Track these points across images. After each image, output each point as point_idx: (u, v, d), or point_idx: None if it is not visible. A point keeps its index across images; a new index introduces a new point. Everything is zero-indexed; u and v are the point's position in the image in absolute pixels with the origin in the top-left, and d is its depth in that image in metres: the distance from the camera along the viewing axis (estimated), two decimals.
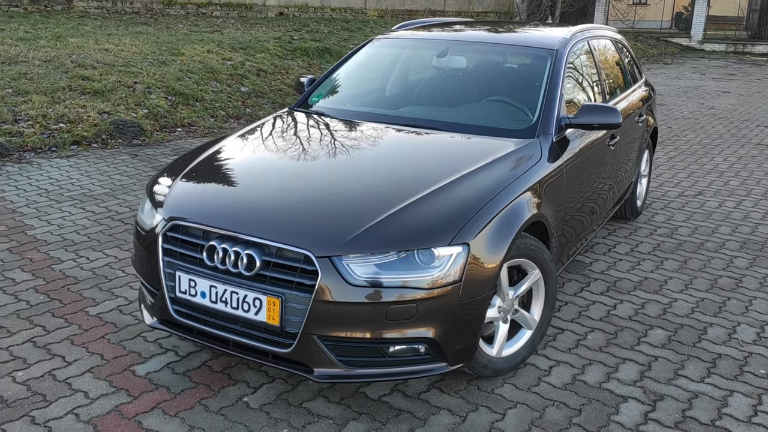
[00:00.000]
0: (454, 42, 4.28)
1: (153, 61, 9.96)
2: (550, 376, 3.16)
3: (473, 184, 2.98)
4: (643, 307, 3.91)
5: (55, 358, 3.18)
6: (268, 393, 2.98)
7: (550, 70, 3.80)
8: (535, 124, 3.54)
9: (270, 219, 2.79)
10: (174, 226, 2.90)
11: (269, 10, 20.07)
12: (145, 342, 3.36)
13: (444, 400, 2.95)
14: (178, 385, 3.01)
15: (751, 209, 5.86)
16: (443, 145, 3.44)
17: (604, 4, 26.73)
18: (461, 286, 2.66)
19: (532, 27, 4.75)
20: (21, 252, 4.37)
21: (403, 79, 4.29)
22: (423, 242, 2.65)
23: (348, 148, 3.42)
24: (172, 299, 2.90)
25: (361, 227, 2.67)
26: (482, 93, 3.94)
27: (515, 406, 2.92)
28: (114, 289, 3.92)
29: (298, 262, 2.64)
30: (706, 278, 4.36)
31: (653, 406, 2.96)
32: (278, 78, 10.56)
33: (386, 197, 2.86)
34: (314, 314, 2.60)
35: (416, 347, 2.71)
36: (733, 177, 6.93)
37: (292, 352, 2.67)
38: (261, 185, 3.11)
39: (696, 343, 3.52)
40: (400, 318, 2.61)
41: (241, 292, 2.70)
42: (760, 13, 28.52)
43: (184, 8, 18.40)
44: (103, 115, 7.77)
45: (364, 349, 2.69)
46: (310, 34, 14.29)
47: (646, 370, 3.25)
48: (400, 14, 23.06)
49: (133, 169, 6.40)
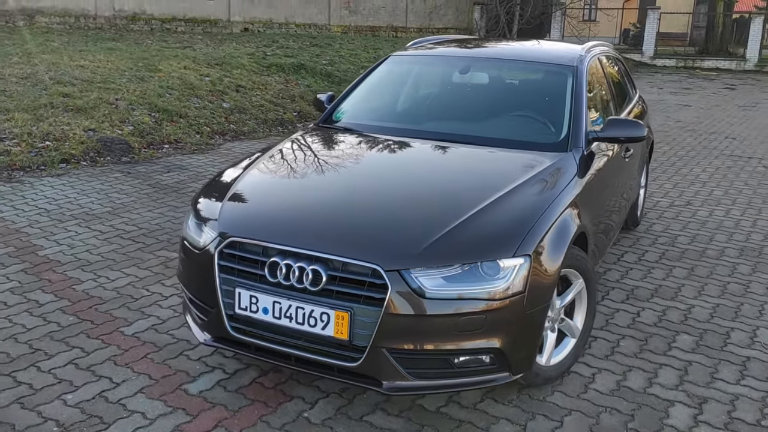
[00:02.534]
0: (475, 58, 4.38)
1: (131, 77, 9.83)
2: (595, 383, 3.25)
3: (524, 197, 3.06)
4: (665, 314, 4.04)
5: (102, 380, 3.13)
6: (326, 408, 2.99)
7: (573, 85, 3.93)
8: (566, 139, 3.65)
9: (332, 233, 2.82)
10: (231, 243, 2.89)
11: (234, 25, 20.00)
12: (189, 361, 3.33)
13: (500, 410, 3.00)
14: (235, 402, 2.99)
15: (740, 217, 6.10)
16: (484, 159, 3.52)
17: (559, 20, 27.43)
18: (525, 296, 2.73)
19: (543, 43, 4.89)
20: (37, 273, 4.28)
21: (428, 94, 4.36)
22: (488, 254, 2.71)
23: (391, 162, 3.47)
24: (229, 316, 2.88)
25: (427, 240, 2.72)
26: (508, 108, 4.05)
27: (570, 414, 3.00)
28: (143, 308, 3.87)
29: (366, 276, 2.66)
30: (715, 285, 4.53)
31: (700, 408, 3.07)
32: (258, 93, 10.54)
33: (446, 211, 2.91)
34: (384, 327, 2.63)
35: (481, 358, 2.76)
36: (715, 187, 7.20)
37: (360, 366, 2.69)
38: (315, 200, 3.13)
39: (723, 347, 3.66)
40: (470, 329, 2.66)
41: (307, 307, 2.71)
42: (707, 29, 29.69)
43: (148, 24, 18.21)
44: (88, 132, 7.64)
45: (432, 360, 2.73)
46: (282, 50, 14.30)
47: (684, 374, 3.36)
48: (363, 30, 23.24)
49: (129, 187, 6.31)
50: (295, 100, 10.79)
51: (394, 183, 3.28)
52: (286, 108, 10.30)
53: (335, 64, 13.46)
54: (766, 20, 26.09)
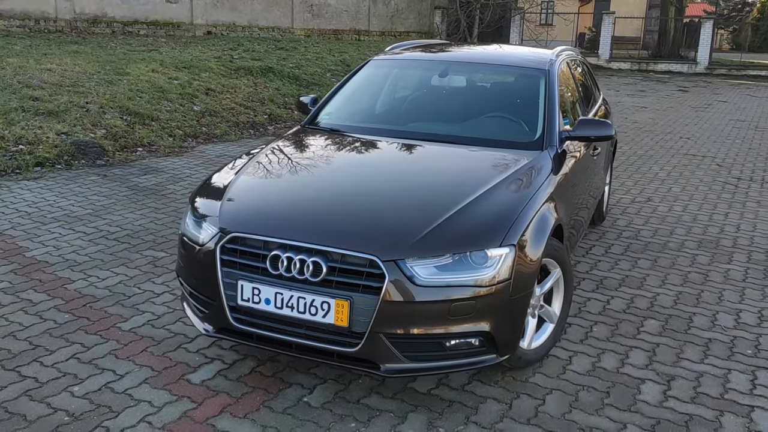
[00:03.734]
0: (453, 62, 4.61)
1: (99, 80, 9.84)
2: (572, 365, 3.49)
3: (506, 192, 3.29)
4: (633, 301, 4.31)
5: (106, 372, 3.25)
6: (325, 392, 3.16)
7: (545, 88, 4.17)
8: (541, 138, 3.89)
9: (331, 227, 3.00)
10: (232, 239, 3.05)
11: (197, 28, 19.93)
12: (188, 353, 3.47)
13: (487, 390, 3.22)
14: (237, 390, 3.15)
15: (697, 212, 6.45)
16: (466, 157, 3.73)
17: (518, 24, 27.98)
18: (511, 283, 2.94)
19: (516, 48, 5.14)
20: (26, 274, 4.35)
21: (409, 97, 4.57)
22: (476, 245, 2.92)
23: (379, 160, 3.67)
24: (231, 308, 3.04)
25: (420, 232, 2.92)
26: (485, 109, 4.28)
27: (551, 392, 3.23)
28: (137, 305, 3.99)
29: (364, 267, 2.85)
30: (677, 274, 4.83)
31: (668, 385, 3.33)
32: (227, 97, 10.62)
33: (436, 205, 3.12)
34: (381, 314, 2.81)
35: (470, 341, 2.97)
36: (673, 184, 7.57)
37: (359, 351, 2.87)
38: (311, 196, 3.31)
39: (687, 330, 3.94)
40: (461, 314, 2.87)
41: (308, 297, 2.88)
42: (659, 34, 30.60)
43: (109, 26, 18.04)
44: (61, 136, 7.66)
45: (427, 344, 2.92)
46: (248, 53, 14.37)
47: (653, 355, 3.62)
48: (326, 33, 23.38)
49: (107, 189, 6.38)
50: (265, 103, 10.90)
51: (384, 180, 3.47)
52: (256, 111, 10.41)
53: (302, 67, 13.60)
54: (716, 24, 27.03)
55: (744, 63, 27.03)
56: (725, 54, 35.78)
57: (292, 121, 10.62)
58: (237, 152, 8.33)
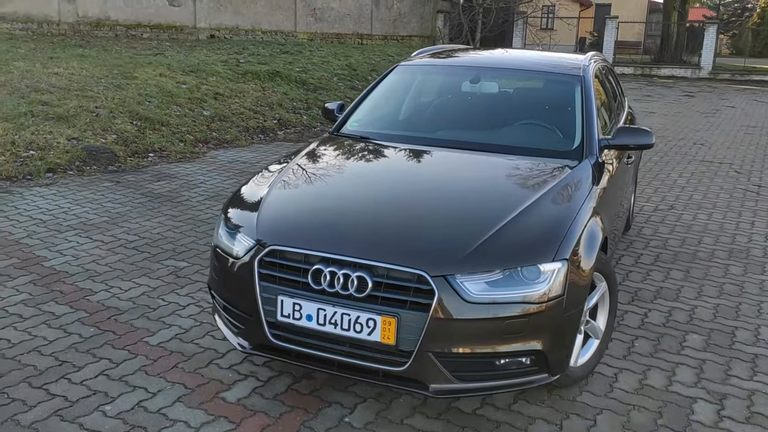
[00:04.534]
0: (484, 68, 4.49)
1: (108, 84, 9.71)
2: (618, 383, 3.37)
3: (553, 204, 3.17)
4: (671, 315, 4.19)
5: (137, 390, 3.12)
6: (366, 412, 3.03)
7: (582, 94, 4.06)
8: (580, 146, 3.78)
9: (376, 241, 2.87)
10: (271, 252, 2.92)
11: (200, 32, 19.82)
12: (220, 369, 3.34)
13: (534, 411, 3.09)
14: (275, 409, 3.02)
15: (722, 221, 6.34)
16: (507, 167, 3.61)
17: (521, 29, 27.92)
18: (564, 299, 2.82)
19: (545, 53, 5.02)
20: (47, 284, 4.22)
21: (441, 103, 4.44)
22: (528, 259, 2.80)
23: (418, 170, 3.55)
24: (270, 323, 2.91)
25: (470, 247, 2.79)
26: (521, 116, 4.16)
27: (601, 412, 3.10)
28: (163, 318, 3.86)
29: (411, 282, 2.73)
30: (712, 285, 4.71)
31: (721, 404, 3.21)
32: (236, 101, 10.50)
33: (483, 217, 3.00)
34: (430, 332, 2.69)
35: (521, 360, 2.85)
36: (693, 191, 7.46)
37: (406, 370, 2.75)
38: (352, 207, 3.19)
39: (731, 345, 3.82)
40: (514, 332, 2.74)
41: (353, 313, 2.75)
42: (662, 39, 30.55)
43: (112, 30, 17.92)
44: (72, 141, 7.53)
45: (477, 363, 2.80)
46: (254, 57, 14.25)
47: (700, 372, 3.50)
48: (329, 37, 23.27)
49: (122, 196, 6.24)
50: (274, 107, 10.77)
51: (426, 190, 3.35)
52: (266, 116, 10.28)
53: (309, 71, 13.48)
54: (719, 29, 26.99)
55: (747, 68, 26.98)
56: (725, 59, 35.71)
57: (302, 126, 10.50)
58: (249, 158, 8.21)
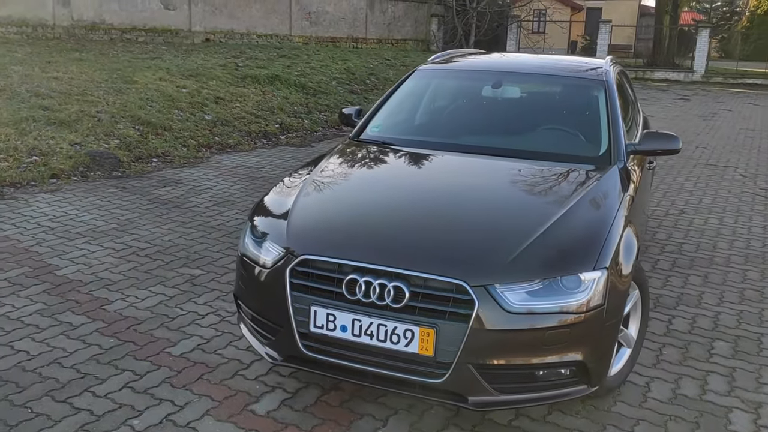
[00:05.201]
0: (506, 72, 4.44)
1: (108, 89, 9.60)
2: (651, 392, 3.32)
3: (588, 211, 3.12)
4: (695, 321, 4.15)
5: (164, 403, 3.04)
6: (399, 424, 2.97)
7: (606, 99, 4.02)
8: (608, 152, 3.73)
9: (411, 250, 2.81)
10: (303, 261, 2.85)
11: (195, 36, 19.71)
12: (246, 380, 3.26)
13: (570, 422, 3.04)
14: (306, 422, 2.95)
15: (734, 225, 6.32)
16: (536, 173, 3.55)
17: (515, 32, 27.97)
18: (605, 309, 2.77)
19: (563, 57, 4.98)
20: (61, 294, 4.13)
21: (464, 108, 4.39)
22: (570, 268, 2.74)
23: (448, 176, 3.49)
24: (302, 334, 2.84)
25: (510, 255, 2.74)
26: (546, 121, 4.11)
27: (638, 423, 3.05)
28: (183, 327, 3.78)
29: (450, 292, 2.66)
30: (732, 291, 4.68)
31: (757, 413, 3.16)
32: (237, 105, 10.41)
33: (520, 225, 2.94)
34: (470, 343, 2.63)
35: (561, 371, 2.79)
36: (702, 195, 7.44)
37: (444, 382, 2.68)
38: (385, 215, 3.12)
39: (759, 352, 3.78)
40: (555, 342, 2.69)
41: (389, 324, 2.69)
42: (654, 42, 30.66)
43: (107, 34, 17.78)
44: (75, 146, 7.43)
45: (517, 374, 2.74)
46: (252, 61, 14.16)
47: (732, 380, 3.46)
48: (324, 41, 23.22)
49: (129, 202, 6.15)
50: (275, 112, 10.69)
51: (458, 197, 3.28)
52: (267, 120, 10.20)
53: (308, 75, 13.40)
54: (712, 32, 27.12)
55: (740, 71, 27.11)
56: (715, 62, 35.84)
57: (304, 130, 10.43)
58: (254, 163, 8.13)
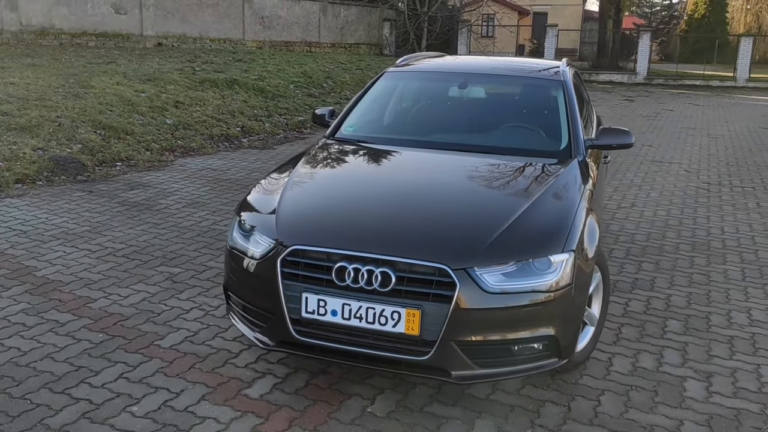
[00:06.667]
0: (471, 74, 4.69)
1: (66, 93, 9.58)
2: (613, 366, 3.60)
3: (555, 200, 3.39)
4: (650, 303, 4.47)
5: (160, 391, 3.19)
6: (386, 402, 3.17)
7: (565, 97, 4.31)
8: (568, 147, 4.02)
9: (396, 238, 3.03)
10: (294, 252, 3.03)
11: (147, 40, 19.58)
12: (237, 368, 3.42)
13: (542, 394, 3.29)
14: (298, 403, 3.13)
15: (681, 216, 6.73)
16: (504, 167, 3.81)
17: (466, 36, 28.49)
18: (572, 287, 3.03)
19: (523, 60, 5.27)
20: (44, 294, 4.21)
21: (432, 108, 4.62)
22: (541, 251, 2.99)
23: (423, 171, 3.72)
24: (294, 320, 3.02)
25: (486, 241, 2.98)
26: (511, 119, 4.39)
27: (603, 393, 3.32)
28: (169, 321, 3.91)
29: (433, 276, 2.89)
30: (682, 276, 5.03)
31: (709, 381, 3.47)
32: (198, 109, 10.47)
33: (494, 213, 3.19)
34: (453, 322, 2.85)
35: (534, 346, 3.04)
36: (650, 190, 7.86)
37: (429, 359, 2.90)
38: (368, 207, 3.33)
39: (708, 329, 4.11)
40: (530, 319, 2.94)
41: (378, 307, 2.90)
42: (599, 46, 31.63)
43: (57, 38, 17.56)
44: (38, 151, 7.42)
45: (495, 350, 2.98)
46: (208, 65, 14.20)
47: (685, 354, 3.77)
48: (277, 45, 23.29)
49: (98, 205, 6.21)
50: (236, 115, 10.79)
51: (435, 189, 3.52)
52: (228, 123, 10.30)
53: (265, 79, 13.51)
54: (652, 36, 28.12)
55: (679, 73, 28.18)
56: (656, 65, 37.05)
57: (265, 133, 10.55)
58: (218, 165, 8.23)
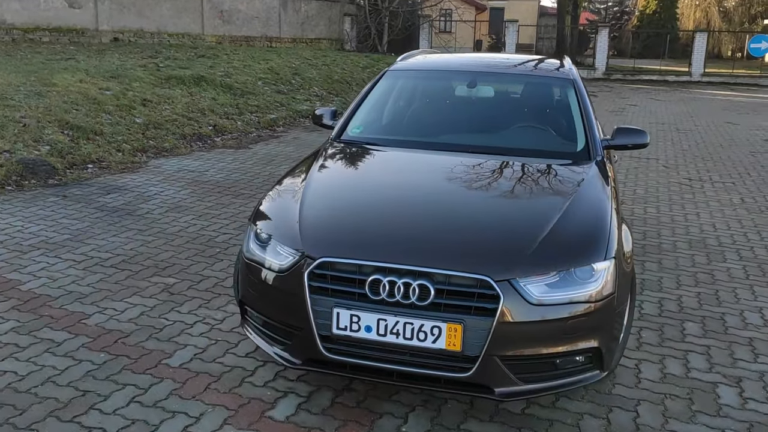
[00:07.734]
0: (479, 72, 4.54)
1: (28, 92, 9.12)
2: (642, 374, 3.50)
3: (589, 205, 3.26)
4: (662, 305, 4.40)
5: (178, 415, 2.96)
6: (420, 420, 3.01)
7: (577, 97, 4.20)
8: (586, 148, 3.90)
9: (433, 247, 2.86)
10: (322, 264, 2.84)
11: (103, 35, 18.95)
12: (255, 387, 3.22)
13: (578, 406, 3.17)
14: (328, 425, 2.94)
15: (670, 213, 6.72)
16: (528, 169, 3.67)
17: (427, 32, 28.42)
18: (615, 296, 2.91)
19: (524, 56, 5.15)
20: (32, 310, 3.92)
21: (441, 108, 4.45)
22: (583, 260, 2.86)
23: (446, 175, 3.55)
24: (324, 337, 2.83)
25: (529, 249, 2.84)
26: (524, 119, 4.25)
27: (639, 404, 3.22)
28: (173, 338, 3.67)
29: (474, 288, 2.73)
30: (686, 275, 4.98)
31: (740, 387, 3.40)
32: (166, 108, 10.11)
33: (531, 221, 3.05)
34: (496, 336, 2.70)
35: (577, 358, 2.91)
36: (635, 186, 7.86)
37: (472, 376, 2.75)
38: (397, 215, 3.15)
39: (725, 331, 4.06)
40: (575, 331, 2.80)
41: (416, 322, 2.73)
42: (557, 42, 31.93)
43: (9, 34, 16.83)
44: (4, 154, 7.02)
45: (539, 364, 2.84)
46: (172, 62, 13.76)
47: (709, 357, 3.70)
48: (237, 40, 22.82)
49: (75, 211, 5.88)
50: (206, 113, 10.45)
51: (463, 195, 3.35)
52: (200, 122, 9.96)
53: (232, 75, 13.15)
54: (611, 31, 28.50)
55: (636, 68, 28.60)
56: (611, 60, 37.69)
57: (238, 132, 10.24)
58: (196, 166, 7.93)
